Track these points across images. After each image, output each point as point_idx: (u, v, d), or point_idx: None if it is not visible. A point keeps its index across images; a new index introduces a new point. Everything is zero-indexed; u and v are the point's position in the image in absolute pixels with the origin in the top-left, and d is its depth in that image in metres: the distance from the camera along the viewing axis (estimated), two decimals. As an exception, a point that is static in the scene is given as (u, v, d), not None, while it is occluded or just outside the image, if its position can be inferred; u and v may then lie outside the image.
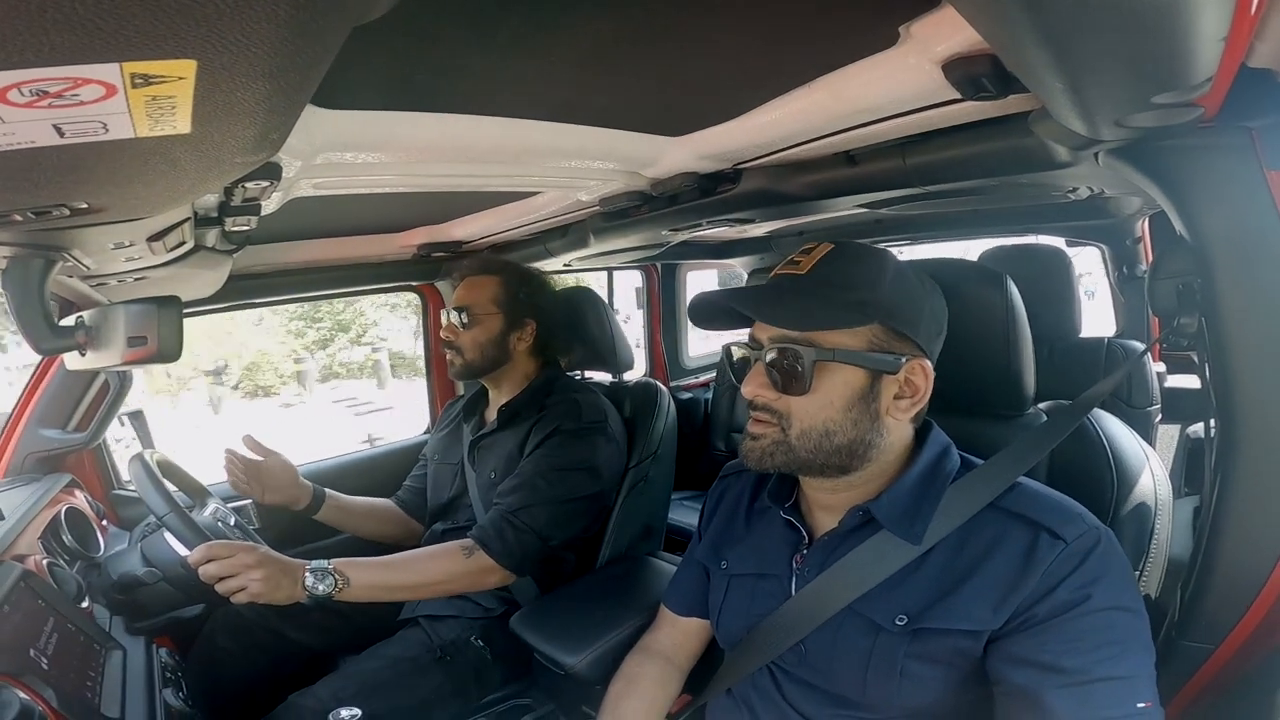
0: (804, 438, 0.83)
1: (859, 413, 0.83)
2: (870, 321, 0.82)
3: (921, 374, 0.84)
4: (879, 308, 0.82)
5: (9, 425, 1.63)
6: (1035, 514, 0.79)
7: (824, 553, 0.90)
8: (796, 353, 0.81)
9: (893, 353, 0.83)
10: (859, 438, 0.83)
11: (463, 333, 1.60)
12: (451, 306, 1.62)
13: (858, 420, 0.83)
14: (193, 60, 0.38)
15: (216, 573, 1.19)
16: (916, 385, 0.85)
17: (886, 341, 0.83)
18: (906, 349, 0.84)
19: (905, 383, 0.84)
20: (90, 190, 0.61)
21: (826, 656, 0.87)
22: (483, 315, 1.60)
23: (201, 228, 1.04)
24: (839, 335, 0.81)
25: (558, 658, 1.29)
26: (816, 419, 0.83)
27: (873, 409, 0.83)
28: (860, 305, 0.82)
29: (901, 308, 0.83)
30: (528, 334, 1.64)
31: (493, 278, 1.64)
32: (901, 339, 0.83)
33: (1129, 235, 2.46)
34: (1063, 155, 0.88)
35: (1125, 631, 0.72)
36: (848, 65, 0.82)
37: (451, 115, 0.90)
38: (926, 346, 0.85)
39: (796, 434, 0.83)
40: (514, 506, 1.42)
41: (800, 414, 0.83)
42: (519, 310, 1.62)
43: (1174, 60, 0.51)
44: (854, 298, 0.82)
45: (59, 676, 0.92)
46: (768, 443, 0.85)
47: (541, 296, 1.67)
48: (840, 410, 0.82)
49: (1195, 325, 0.83)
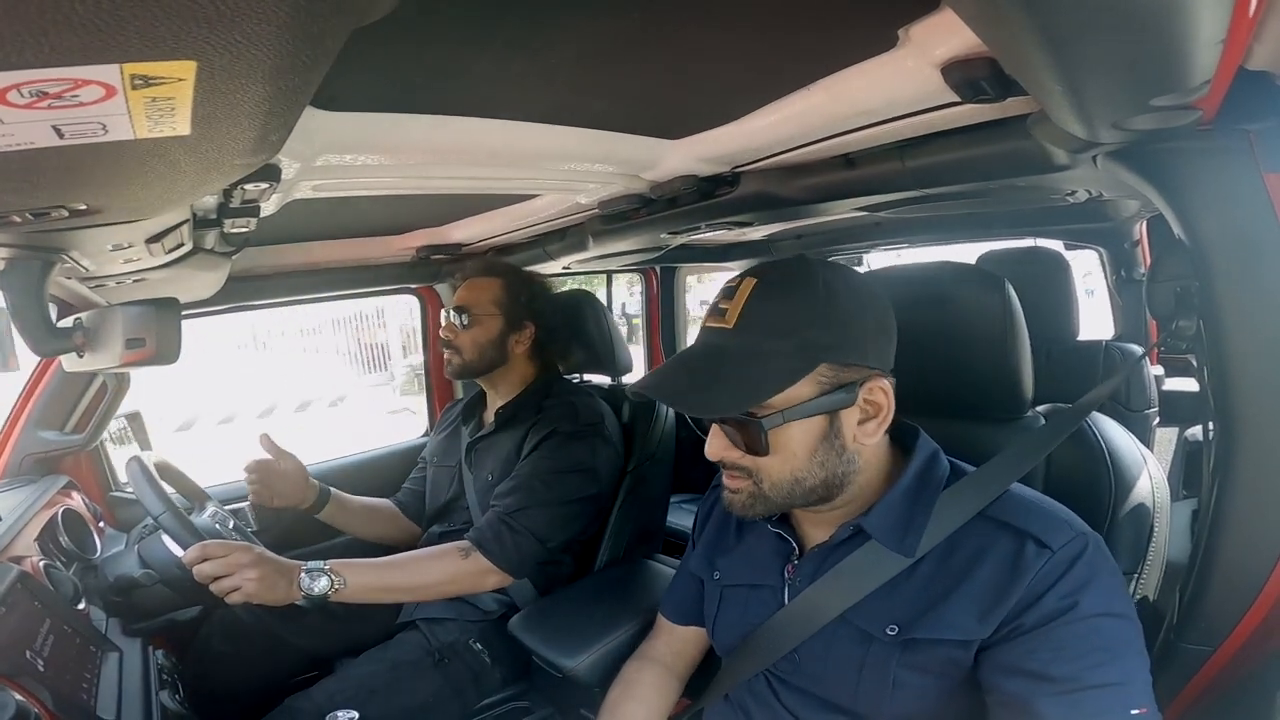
0: (776, 489, 0.83)
1: (824, 454, 0.81)
2: (815, 365, 0.78)
3: (880, 392, 0.82)
4: (820, 346, 0.78)
5: (6, 427, 1.63)
6: (1021, 522, 0.78)
7: (815, 563, 0.89)
8: (745, 424, 0.80)
9: (844, 386, 0.80)
10: (830, 476, 0.82)
11: (461, 333, 1.60)
12: (452, 307, 1.62)
13: (824, 461, 0.81)
14: (192, 61, 0.38)
15: (211, 572, 1.18)
16: (878, 404, 0.82)
17: (836, 377, 0.79)
18: (859, 374, 0.80)
19: (865, 405, 0.82)
20: (89, 191, 0.61)
21: (820, 664, 0.87)
22: (482, 316, 1.60)
23: (200, 229, 1.04)
24: (785, 394, 0.78)
25: (556, 660, 1.29)
26: (783, 473, 0.82)
27: (837, 445, 0.81)
28: (801, 350, 0.78)
29: (844, 337, 0.80)
30: (526, 337, 1.64)
31: (494, 280, 1.64)
32: (851, 368, 0.80)
33: (1127, 238, 2.46)
34: (1061, 158, 0.88)
35: (1115, 637, 0.71)
36: (846, 68, 0.81)
37: (451, 117, 0.90)
38: (879, 362, 0.82)
39: (769, 486, 0.83)
40: (511, 509, 1.42)
41: (767, 470, 0.82)
42: (519, 313, 1.63)
43: (1172, 63, 0.51)
44: (792, 344, 0.78)
45: (55, 678, 0.92)
46: (744, 496, 0.85)
47: (542, 300, 1.67)
48: (805, 459, 0.81)
49: (1193, 328, 0.83)
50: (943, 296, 0.95)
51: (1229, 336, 0.77)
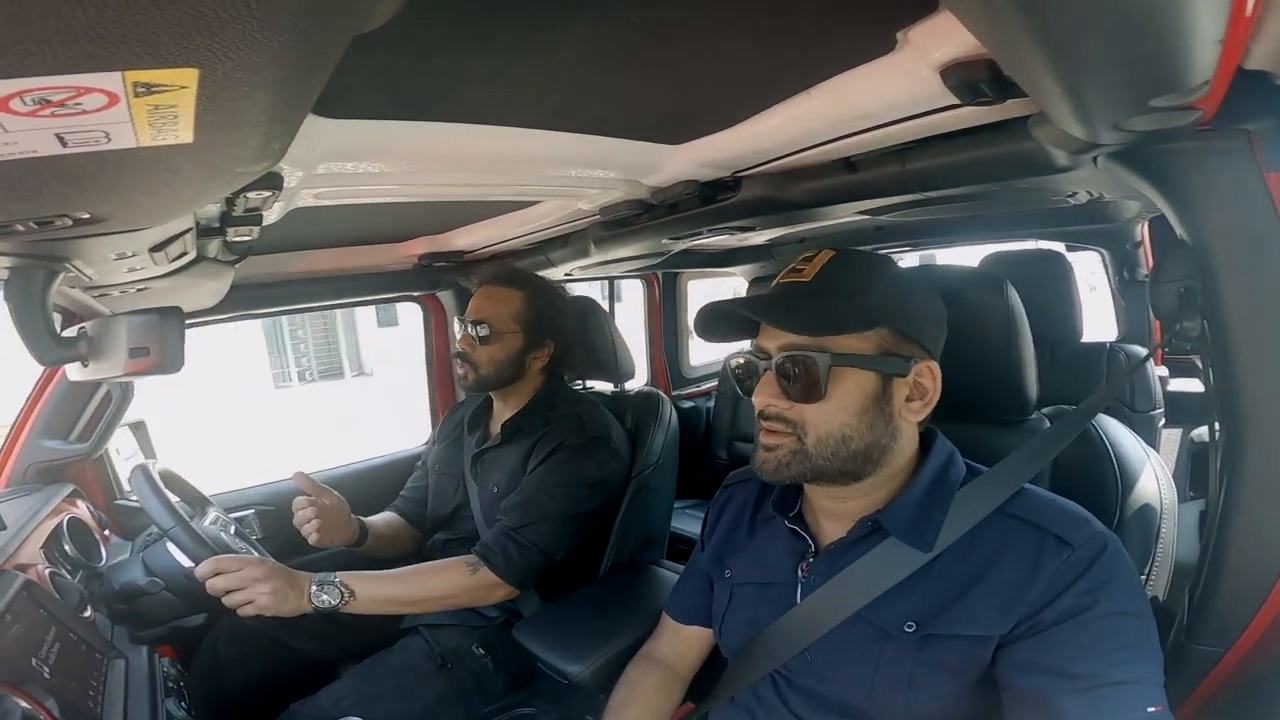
0: (821, 444, 0.83)
1: (873, 416, 0.83)
2: (879, 325, 0.82)
3: (930, 375, 0.85)
4: (886, 312, 0.82)
5: (11, 436, 1.63)
6: (1041, 519, 0.79)
7: (830, 561, 0.89)
8: (810, 359, 0.81)
9: (902, 355, 0.83)
10: (874, 441, 0.83)
11: (480, 348, 1.54)
12: (470, 318, 1.56)
13: (873, 424, 0.83)
14: (195, 69, 0.38)
15: (224, 586, 1.19)
16: (925, 387, 0.85)
17: (895, 345, 0.83)
18: (914, 351, 0.84)
19: (915, 385, 0.85)
20: (92, 200, 0.61)
21: (833, 664, 0.86)
22: (503, 332, 1.54)
23: (203, 238, 1.04)
24: (850, 340, 0.81)
25: (561, 666, 1.29)
26: (833, 424, 0.82)
27: (886, 412, 0.83)
28: (869, 310, 0.82)
29: (907, 311, 0.84)
30: (545, 354, 1.60)
31: (516, 292, 1.58)
32: (909, 342, 0.84)
33: (1129, 239, 2.46)
34: (1061, 159, 0.88)
35: (1134, 636, 0.72)
36: (846, 72, 0.82)
37: (452, 124, 0.90)
38: (932, 348, 0.86)
39: (813, 441, 0.83)
40: (518, 523, 1.42)
41: (815, 421, 0.83)
42: (540, 330, 1.58)
43: (1171, 63, 0.51)
44: (862, 302, 0.82)
45: (61, 686, 0.92)
46: (784, 453, 0.84)
47: (564, 316, 1.63)
48: (855, 415, 0.82)
49: (1197, 328, 0.83)
50: (946, 299, 0.95)
51: (1233, 336, 0.77)
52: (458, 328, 1.61)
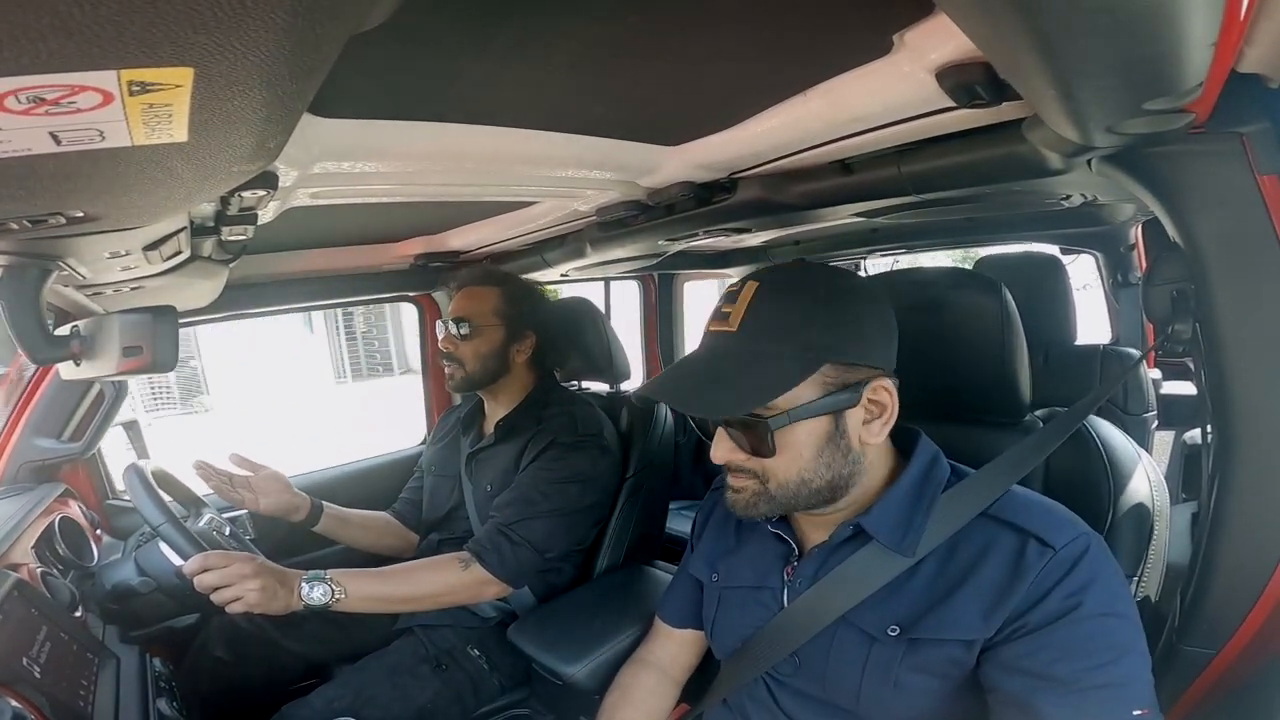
0: (783, 489, 0.83)
1: (830, 455, 0.82)
2: (819, 365, 0.79)
3: (885, 391, 0.82)
4: (824, 346, 0.79)
5: (3, 435, 1.63)
6: (1023, 521, 0.79)
7: (815, 564, 0.89)
8: (751, 424, 0.80)
9: (848, 386, 0.80)
10: (837, 474, 0.82)
11: (462, 344, 1.57)
12: (450, 317, 1.59)
13: (830, 462, 0.82)
14: (190, 68, 0.38)
15: (212, 583, 1.18)
16: (882, 404, 0.83)
17: (840, 377, 0.80)
18: (863, 375, 0.81)
19: (870, 404, 0.82)
20: (86, 198, 0.61)
21: (821, 667, 0.87)
22: (484, 326, 1.57)
23: (198, 237, 1.03)
24: (791, 394, 0.78)
25: (556, 667, 1.29)
26: (790, 473, 0.82)
27: (843, 445, 0.82)
28: (804, 351, 0.79)
29: (846, 336, 0.80)
30: (528, 346, 1.62)
31: (493, 289, 1.61)
32: (855, 367, 0.81)
33: (1123, 242, 2.47)
34: (1056, 162, 0.88)
35: (1118, 638, 0.72)
36: (842, 74, 0.82)
37: (448, 124, 0.90)
38: (882, 362, 0.83)
39: (775, 486, 0.83)
40: (510, 520, 1.42)
41: (774, 470, 0.82)
42: (520, 322, 1.61)
43: (1164, 66, 0.51)
44: (795, 344, 0.79)
45: (52, 685, 0.92)
46: (749, 495, 0.85)
47: (542, 308, 1.66)
48: (811, 459, 0.81)
49: (1190, 331, 0.83)
50: (940, 301, 0.95)
51: (1226, 339, 0.78)
52: (440, 329, 1.61)
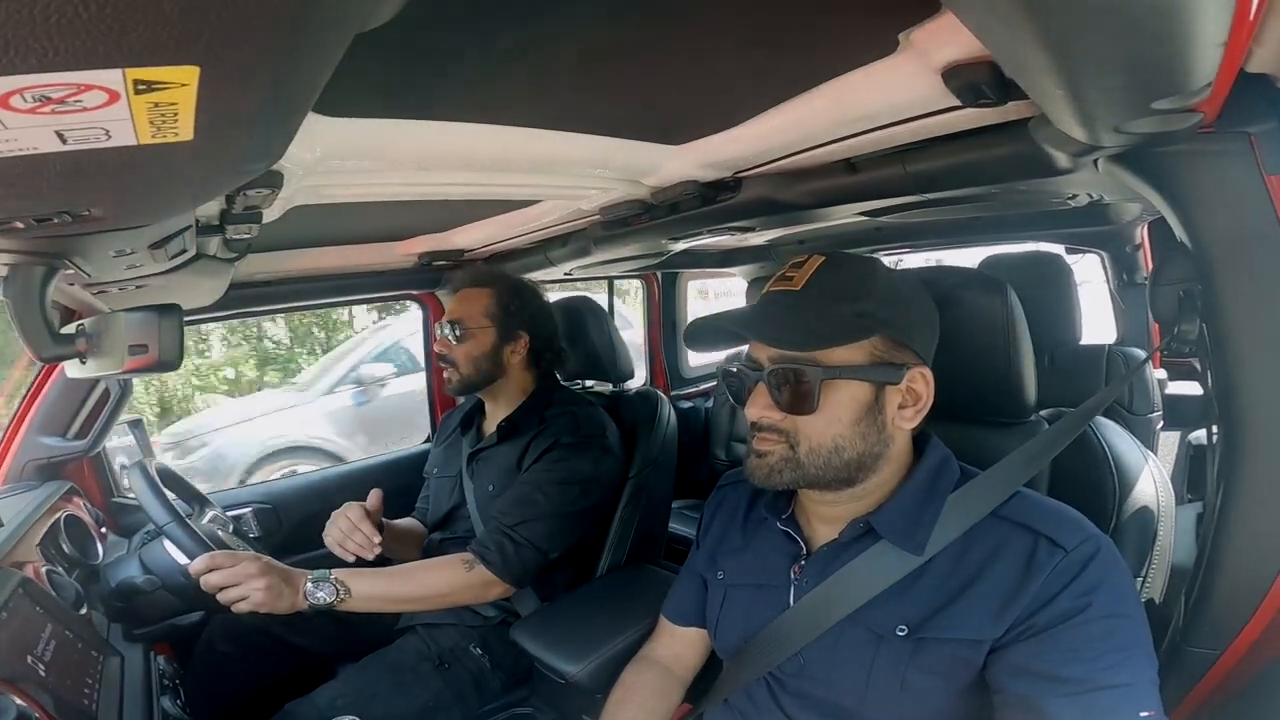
0: (813, 454, 0.83)
1: (866, 426, 0.82)
2: (871, 334, 0.81)
3: (923, 381, 0.84)
4: (878, 319, 0.81)
5: (9, 433, 1.63)
6: (1034, 522, 0.79)
7: (823, 563, 0.89)
8: (801, 373, 0.81)
9: (894, 363, 0.83)
10: (867, 450, 0.83)
11: (455, 346, 1.58)
12: (445, 320, 1.61)
13: (865, 434, 0.82)
14: (195, 67, 0.38)
15: (219, 582, 1.19)
16: (919, 393, 0.84)
17: (888, 353, 0.82)
18: (907, 358, 0.84)
19: (908, 391, 0.84)
20: (92, 197, 0.61)
21: (826, 667, 0.86)
22: (475, 329, 1.58)
23: (203, 235, 1.04)
24: (841, 351, 0.81)
25: (558, 666, 1.29)
26: (826, 435, 0.82)
27: (879, 420, 0.83)
28: (860, 318, 0.81)
29: (898, 317, 0.83)
30: (521, 346, 1.62)
31: (483, 290, 1.62)
32: (901, 349, 0.83)
33: (1129, 242, 2.46)
34: (1062, 162, 0.88)
35: (1127, 639, 0.71)
36: (847, 73, 0.82)
37: (452, 124, 0.90)
38: (924, 353, 0.85)
39: (806, 451, 0.83)
40: (513, 521, 1.42)
41: (808, 432, 0.82)
42: (511, 322, 1.61)
43: (1173, 66, 0.51)
44: (852, 310, 0.81)
45: (56, 683, 0.92)
46: (776, 459, 0.84)
47: (533, 308, 1.66)
48: (848, 425, 0.82)
49: (1196, 331, 0.83)
50: (945, 300, 0.95)
51: (1232, 339, 0.77)
52: (436, 332, 1.62)
